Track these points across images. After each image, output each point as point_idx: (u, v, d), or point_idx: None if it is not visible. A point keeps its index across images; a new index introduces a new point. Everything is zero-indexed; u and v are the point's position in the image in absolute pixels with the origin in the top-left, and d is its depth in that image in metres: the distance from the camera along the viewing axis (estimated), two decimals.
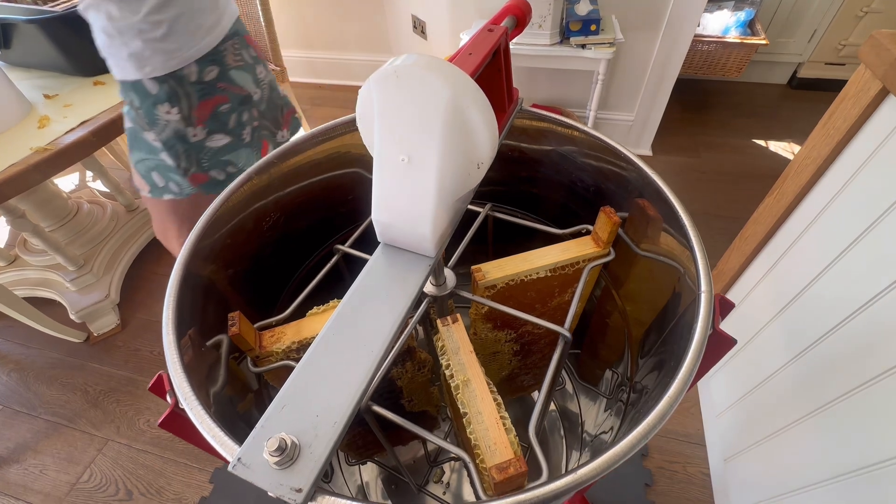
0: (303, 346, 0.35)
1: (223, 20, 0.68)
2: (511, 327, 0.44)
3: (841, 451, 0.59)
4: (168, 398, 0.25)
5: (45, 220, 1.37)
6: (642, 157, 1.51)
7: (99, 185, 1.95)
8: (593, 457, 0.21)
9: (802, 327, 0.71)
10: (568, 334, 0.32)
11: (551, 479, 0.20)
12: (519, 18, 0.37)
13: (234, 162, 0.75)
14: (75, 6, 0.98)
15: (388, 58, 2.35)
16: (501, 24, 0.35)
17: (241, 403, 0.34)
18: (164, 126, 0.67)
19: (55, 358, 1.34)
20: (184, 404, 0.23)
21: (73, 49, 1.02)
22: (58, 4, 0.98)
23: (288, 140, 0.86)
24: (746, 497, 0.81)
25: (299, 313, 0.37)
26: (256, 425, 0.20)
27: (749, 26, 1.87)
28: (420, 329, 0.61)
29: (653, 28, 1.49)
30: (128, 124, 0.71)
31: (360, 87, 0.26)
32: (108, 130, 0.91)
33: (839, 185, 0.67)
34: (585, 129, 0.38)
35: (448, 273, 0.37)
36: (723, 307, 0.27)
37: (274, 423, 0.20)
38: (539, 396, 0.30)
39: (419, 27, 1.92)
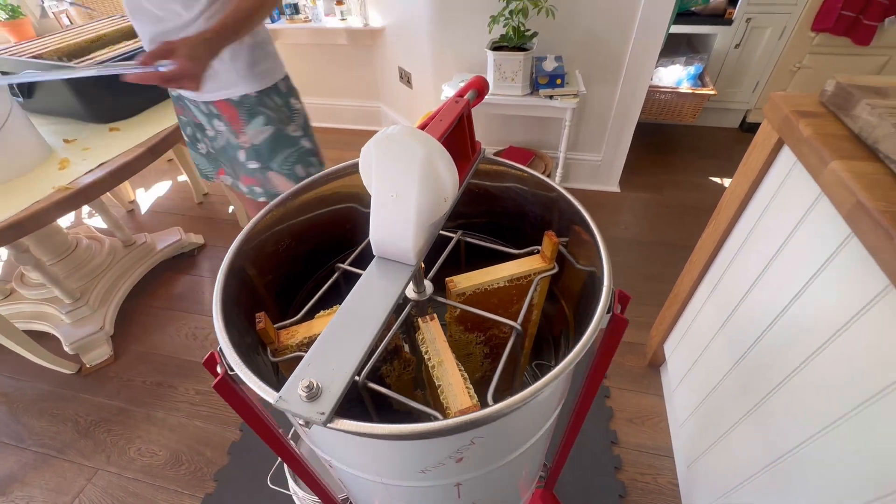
0: (312, 341, 0.43)
1: None
2: (480, 330, 0.53)
3: (772, 441, 0.68)
4: (218, 369, 0.33)
5: (45, 254, 1.43)
6: (611, 194, 1.67)
7: (94, 222, 2.02)
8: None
9: (739, 337, 0.82)
10: (518, 327, 0.42)
11: (476, 411, 0.29)
12: (479, 91, 0.49)
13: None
14: (99, 63, 1.10)
15: (376, 104, 2.52)
16: (465, 97, 0.47)
17: None
18: (298, 114, 0.85)
19: (45, 390, 1.36)
20: (236, 369, 0.31)
21: (94, 99, 1.13)
22: (83, 61, 1.10)
23: (243, 192, 0.98)
24: (706, 497, 0.88)
25: (308, 317, 0.46)
26: (291, 375, 0.29)
27: (699, 78, 2.11)
28: (406, 346, 0.70)
29: (612, 81, 1.69)
30: (266, 133, 0.83)
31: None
32: (124, 171, 1.01)
33: (757, 215, 0.80)
34: (531, 171, 0.50)
35: (427, 283, 0.47)
36: (621, 298, 0.37)
37: (304, 373, 0.29)
38: (496, 371, 0.39)
39: (405, 77, 2.11)
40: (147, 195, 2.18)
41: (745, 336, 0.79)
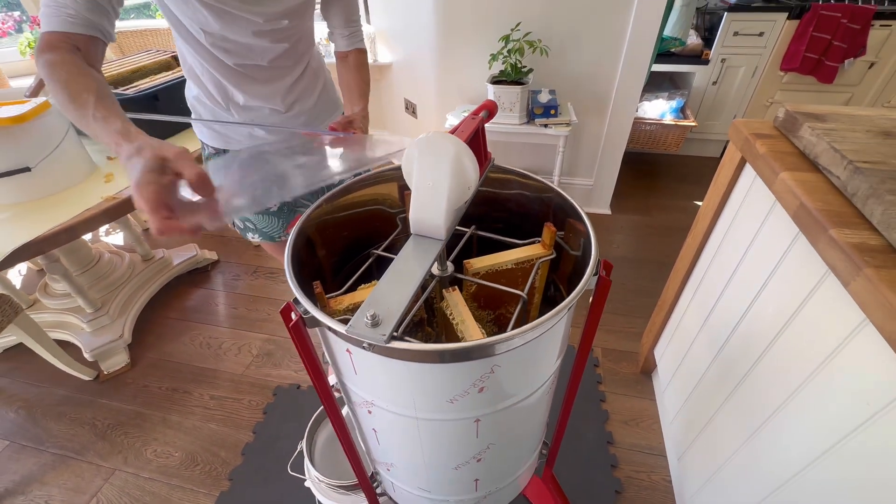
0: (356, 308, 0.53)
1: None
2: (491, 307, 0.63)
3: (747, 417, 0.76)
4: (293, 315, 0.42)
5: (72, 265, 1.51)
6: (603, 216, 1.83)
7: (111, 239, 2.11)
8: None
9: (716, 334, 0.91)
10: (524, 295, 0.52)
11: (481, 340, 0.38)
12: (490, 111, 0.61)
13: (253, 222, 0.94)
14: (143, 91, 1.23)
15: (383, 132, 2.69)
16: (480, 115, 0.58)
17: None
18: None
19: (63, 395, 1.41)
20: (311, 311, 0.41)
21: (135, 122, 1.25)
22: (129, 88, 1.22)
23: None
24: (696, 484, 0.95)
25: (351, 290, 0.56)
26: (358, 310, 0.39)
27: (681, 111, 2.29)
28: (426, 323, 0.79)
29: (601, 112, 1.85)
30: None
31: None
32: None
33: (726, 226, 0.92)
34: (535, 176, 0.61)
35: (449, 264, 0.57)
36: (605, 265, 0.47)
37: (367, 308, 0.38)
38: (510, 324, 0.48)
39: (410, 108, 2.27)
40: None
41: (721, 332, 0.89)
